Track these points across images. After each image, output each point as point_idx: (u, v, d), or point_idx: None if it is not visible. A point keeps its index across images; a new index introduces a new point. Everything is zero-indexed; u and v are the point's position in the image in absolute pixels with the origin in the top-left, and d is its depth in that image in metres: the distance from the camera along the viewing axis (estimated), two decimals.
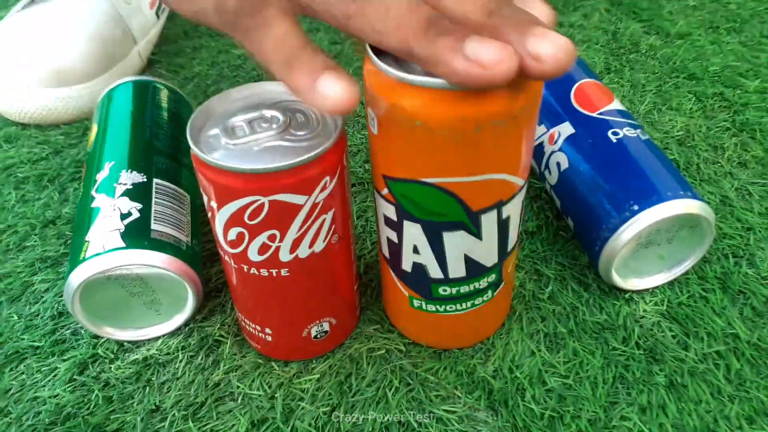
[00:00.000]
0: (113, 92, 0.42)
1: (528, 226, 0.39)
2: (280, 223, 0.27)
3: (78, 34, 0.49)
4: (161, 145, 0.38)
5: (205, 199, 0.27)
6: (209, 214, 0.28)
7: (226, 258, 0.29)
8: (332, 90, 0.23)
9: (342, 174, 0.28)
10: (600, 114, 0.37)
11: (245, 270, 0.29)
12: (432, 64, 0.22)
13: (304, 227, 0.27)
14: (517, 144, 0.25)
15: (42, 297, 0.36)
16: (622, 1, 0.59)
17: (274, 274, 0.28)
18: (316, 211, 0.27)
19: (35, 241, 0.40)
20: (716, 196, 0.41)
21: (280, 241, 0.27)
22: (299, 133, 0.27)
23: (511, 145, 0.25)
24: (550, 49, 0.20)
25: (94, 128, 0.40)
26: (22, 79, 0.48)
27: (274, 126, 0.27)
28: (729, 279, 0.36)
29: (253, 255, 0.28)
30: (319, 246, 0.28)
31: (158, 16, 0.58)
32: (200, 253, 0.35)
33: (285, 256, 0.28)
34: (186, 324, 0.34)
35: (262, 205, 0.26)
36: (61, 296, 0.36)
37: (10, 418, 0.31)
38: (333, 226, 0.28)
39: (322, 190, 0.27)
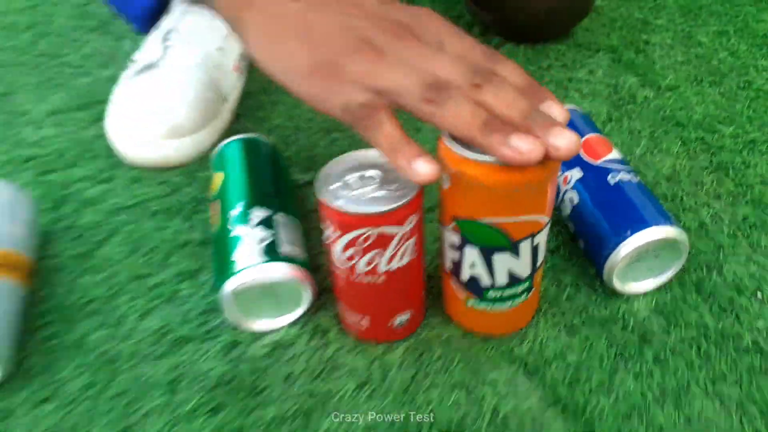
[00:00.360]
0: (227, 147, 0.54)
1: (550, 245, 0.52)
2: (381, 246, 0.39)
3: (184, 97, 0.62)
4: (270, 187, 0.51)
5: (328, 230, 0.40)
6: (328, 240, 0.41)
7: (338, 270, 0.42)
8: (423, 169, 0.36)
9: (420, 213, 0.40)
10: (602, 162, 0.49)
11: (353, 278, 0.41)
12: (488, 150, 0.35)
13: (396, 248, 0.40)
14: (544, 197, 0.38)
15: (188, 300, 0.49)
16: (621, 59, 0.71)
17: (373, 281, 0.41)
18: (405, 237, 0.40)
19: (175, 259, 0.53)
20: (695, 221, 0.53)
21: (380, 258, 0.40)
22: (392, 186, 0.40)
23: (540, 199, 0.38)
24: (564, 142, 0.33)
25: (219, 176, 0.52)
26: (146, 133, 0.61)
27: (377, 181, 0.40)
28: (702, 285, 0.48)
29: (362, 268, 0.40)
30: (405, 261, 0.41)
31: (240, 77, 0.71)
32: (310, 263, 0.48)
33: (383, 268, 0.40)
34: (302, 316, 0.47)
35: (371, 234, 0.38)
36: (204, 298, 0.49)
37: (183, 384, 0.43)
38: (415, 247, 0.41)
39: (409, 224, 0.39)
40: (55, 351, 0.46)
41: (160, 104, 0.62)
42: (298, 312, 0.46)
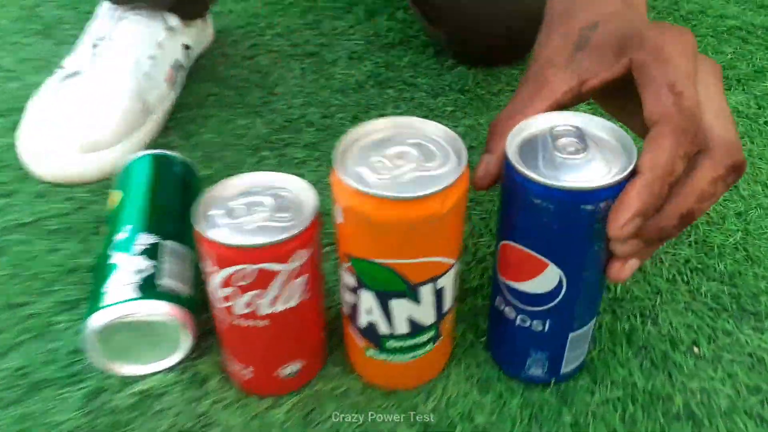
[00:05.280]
0: (133, 163, 0.49)
1: (471, 284, 0.47)
2: (262, 285, 0.34)
3: (107, 108, 0.57)
4: (173, 211, 0.45)
5: (206, 264, 0.35)
6: (205, 274, 0.35)
7: (217, 311, 0.36)
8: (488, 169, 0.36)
9: (315, 247, 0.35)
10: None
11: (232, 321, 0.36)
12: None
13: (281, 288, 0.34)
14: (446, 236, 0.33)
15: (61, 336, 0.43)
16: None
17: (255, 325, 0.35)
18: (292, 276, 0.34)
19: (59, 286, 0.47)
20: None
21: (261, 299, 0.34)
22: (284, 215, 0.34)
23: (441, 238, 0.33)
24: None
25: (117, 194, 0.47)
26: (61, 147, 0.55)
27: (267, 209, 0.34)
28: (634, 335, 0.44)
29: (240, 309, 0.35)
30: (293, 302, 0.35)
31: (173, 88, 0.65)
32: (198, 300, 0.42)
33: (265, 310, 0.35)
34: (181, 362, 0.41)
35: (249, 271, 0.33)
36: (78, 334, 0.43)
37: None
38: (306, 287, 0.36)
39: (296, 260, 0.34)
40: None
41: (78, 115, 0.56)
42: (176, 357, 0.41)
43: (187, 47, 0.67)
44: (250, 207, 0.35)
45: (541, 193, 0.31)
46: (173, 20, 0.64)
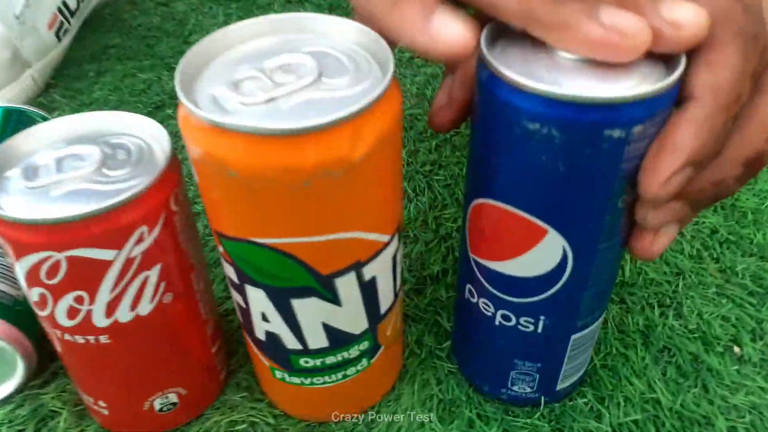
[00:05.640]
0: None
1: (433, 269, 0.35)
2: (85, 283, 0.22)
3: None
4: None
5: (6, 251, 0.22)
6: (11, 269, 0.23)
7: (39, 318, 0.24)
8: (449, 29, 0.20)
9: (170, 220, 0.23)
10: None
11: (59, 336, 0.24)
12: (558, 31, 0.19)
13: (119, 287, 0.22)
14: (367, 197, 0.21)
15: None
16: None
17: (92, 341, 0.23)
18: (133, 267, 0.22)
19: None
20: None
21: (90, 303, 0.22)
22: (115, 173, 0.22)
23: (359, 199, 0.21)
24: (689, 14, 0.19)
25: None
26: None
27: (86, 165, 0.22)
28: (652, 333, 0.32)
29: (62, 319, 0.23)
30: (145, 308, 0.23)
31: (59, 38, 0.53)
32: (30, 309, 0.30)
33: (100, 320, 0.23)
34: (18, 392, 0.29)
35: (58, 262, 0.21)
36: None
37: None
38: (163, 284, 0.23)
39: (137, 243, 0.22)
40: None
41: None
42: (7, 387, 0.29)
43: None
44: (63, 163, 0.23)
45: (540, 111, 0.19)
46: None
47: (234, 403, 0.29)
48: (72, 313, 0.22)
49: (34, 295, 0.22)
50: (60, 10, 0.52)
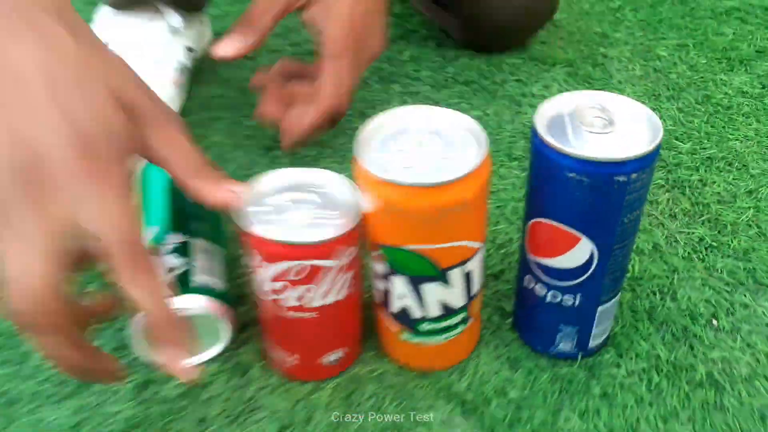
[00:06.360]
0: (148, 167, 0.50)
1: (494, 270, 0.49)
2: (315, 280, 0.36)
3: None
4: (192, 211, 0.47)
5: (253, 259, 0.36)
6: (252, 269, 0.37)
7: (264, 304, 0.38)
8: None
9: (359, 243, 0.37)
10: None
11: (280, 314, 0.38)
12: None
13: (332, 282, 0.36)
14: (473, 221, 0.35)
15: (101, 334, 0.45)
16: (578, 73, 0.69)
17: (305, 316, 0.37)
18: (342, 271, 0.36)
19: (96, 286, 0.49)
20: (649, 243, 0.50)
21: (313, 293, 0.36)
22: (332, 212, 0.36)
23: (468, 223, 0.35)
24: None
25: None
26: None
27: (313, 206, 0.36)
28: (654, 312, 0.45)
29: (292, 302, 0.37)
30: (340, 295, 0.37)
31: (180, 92, 0.67)
32: (232, 294, 0.44)
33: (315, 303, 0.37)
34: (223, 352, 0.43)
35: (304, 267, 0.35)
36: (119, 332, 0.45)
37: (87, 429, 0.39)
38: (351, 281, 0.37)
39: (347, 256, 0.36)
40: None
41: None
42: (216, 349, 0.43)
43: (189, 49, 0.69)
44: (297, 203, 0.36)
45: (575, 166, 0.33)
46: (174, 20, 0.65)
47: (368, 359, 0.43)
48: (300, 298, 0.36)
49: (274, 286, 0.36)
50: (177, 68, 0.66)
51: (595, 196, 0.34)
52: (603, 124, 0.34)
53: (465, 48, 0.73)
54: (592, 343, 0.41)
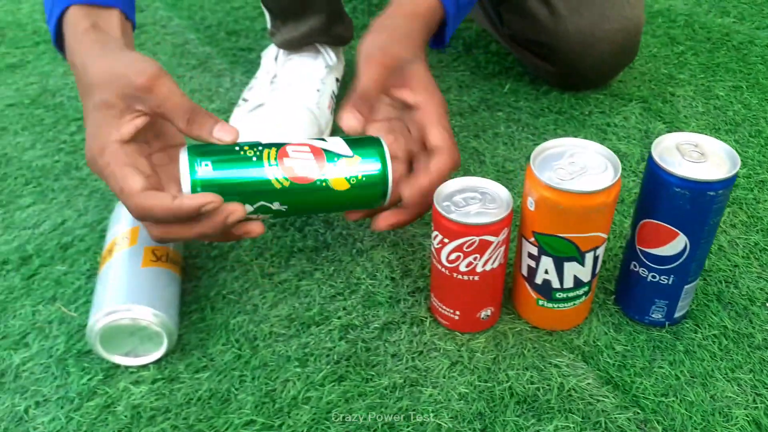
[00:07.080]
0: None
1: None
2: (482, 251, 0.51)
3: (296, 133, 0.74)
4: None
5: (436, 238, 0.52)
6: (435, 246, 0.52)
7: (442, 270, 0.53)
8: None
9: (509, 227, 0.52)
10: None
11: (454, 277, 0.53)
12: None
13: (493, 253, 0.52)
14: (607, 218, 0.50)
15: (309, 294, 0.61)
16: (651, 108, 0.84)
17: (470, 279, 0.53)
18: (501, 245, 0.52)
19: (294, 261, 0.65)
20: (715, 245, 0.65)
21: (479, 260, 0.52)
22: (490, 206, 0.52)
23: (605, 219, 0.50)
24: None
25: None
26: None
27: (478, 201, 0.52)
28: (722, 295, 0.60)
29: (462, 267, 0.52)
30: (495, 263, 0.53)
31: (332, 114, 0.84)
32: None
33: (479, 269, 0.52)
34: (397, 309, 0.58)
35: (474, 241, 0.50)
36: (321, 291, 0.60)
37: (312, 359, 0.55)
38: (503, 254, 0.53)
39: (503, 235, 0.51)
40: (205, 331, 0.58)
41: (271, 138, 0.74)
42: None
43: (338, 80, 0.86)
44: (466, 200, 0.52)
45: (680, 183, 0.48)
46: (330, 59, 0.82)
47: (507, 320, 0.58)
48: (468, 265, 0.52)
49: (452, 256, 0.51)
50: (331, 96, 0.83)
51: (692, 205, 0.49)
52: (698, 155, 0.49)
53: (556, 85, 0.88)
54: (677, 314, 0.56)
